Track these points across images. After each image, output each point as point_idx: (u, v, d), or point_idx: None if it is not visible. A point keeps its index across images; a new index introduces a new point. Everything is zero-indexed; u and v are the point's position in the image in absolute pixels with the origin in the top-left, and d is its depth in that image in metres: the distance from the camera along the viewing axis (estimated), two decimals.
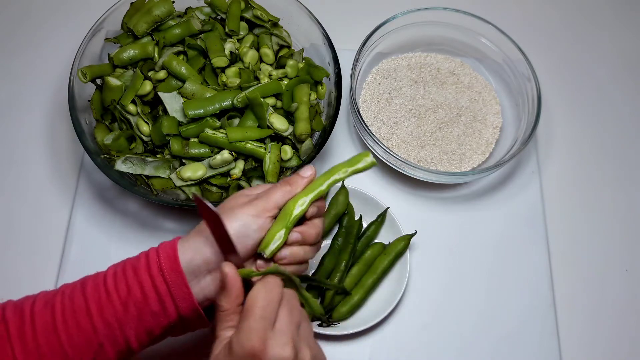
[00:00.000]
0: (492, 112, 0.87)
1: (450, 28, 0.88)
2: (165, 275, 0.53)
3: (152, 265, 0.53)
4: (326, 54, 0.78)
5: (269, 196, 0.56)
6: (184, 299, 0.53)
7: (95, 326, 0.52)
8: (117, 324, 0.52)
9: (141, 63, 0.74)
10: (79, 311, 0.52)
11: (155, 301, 0.53)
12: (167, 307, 0.53)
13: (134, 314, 0.52)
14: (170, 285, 0.53)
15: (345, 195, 0.78)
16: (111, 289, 0.53)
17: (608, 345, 0.76)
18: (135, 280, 0.53)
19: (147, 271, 0.53)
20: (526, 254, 0.80)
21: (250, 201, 0.56)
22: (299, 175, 0.57)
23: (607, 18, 0.99)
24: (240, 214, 0.54)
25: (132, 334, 0.53)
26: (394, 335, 0.74)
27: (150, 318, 0.53)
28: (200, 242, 0.54)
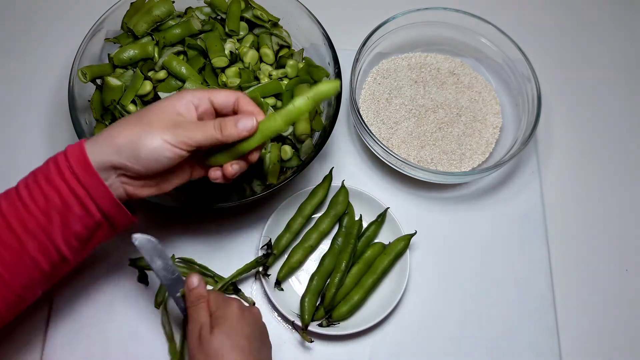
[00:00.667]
0: (492, 112, 0.87)
1: (450, 28, 0.88)
2: (81, 179, 0.52)
3: (65, 171, 0.53)
4: (326, 54, 0.78)
5: (194, 133, 0.53)
6: (104, 197, 0.53)
7: (21, 239, 0.52)
8: (43, 233, 0.52)
9: (141, 63, 0.74)
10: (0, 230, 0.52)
11: (77, 204, 0.53)
12: (89, 208, 0.53)
13: (57, 220, 0.53)
14: (87, 187, 0.53)
15: (345, 195, 0.78)
16: (27, 201, 0.52)
17: (608, 344, 0.76)
18: (51, 188, 0.53)
19: (60, 176, 0.53)
20: (526, 254, 0.80)
21: (174, 125, 0.53)
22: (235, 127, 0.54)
23: (607, 18, 0.99)
24: (158, 138, 0.52)
25: (60, 239, 0.53)
26: (394, 335, 0.74)
27: (74, 221, 0.53)
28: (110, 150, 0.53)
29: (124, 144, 0.52)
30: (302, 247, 0.75)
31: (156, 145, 0.52)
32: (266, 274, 0.73)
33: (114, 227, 0.57)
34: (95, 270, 0.75)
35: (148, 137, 0.52)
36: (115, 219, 0.56)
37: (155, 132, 0.52)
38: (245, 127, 0.54)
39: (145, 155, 0.52)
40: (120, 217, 0.56)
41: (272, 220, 0.76)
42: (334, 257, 0.75)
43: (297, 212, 0.77)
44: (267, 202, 0.79)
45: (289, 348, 0.72)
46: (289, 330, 0.73)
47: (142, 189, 0.56)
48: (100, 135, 0.54)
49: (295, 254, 0.74)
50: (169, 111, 0.54)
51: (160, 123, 0.53)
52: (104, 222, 0.55)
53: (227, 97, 0.57)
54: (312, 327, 0.71)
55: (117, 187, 0.55)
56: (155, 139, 0.52)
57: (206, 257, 0.76)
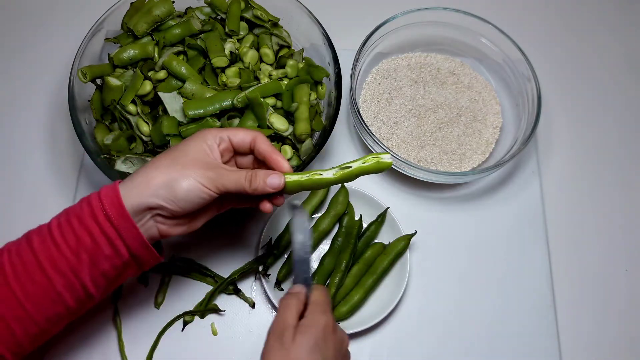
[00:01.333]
0: (492, 112, 0.87)
1: (450, 28, 0.88)
2: (113, 220, 0.54)
3: (97, 212, 0.54)
4: (326, 54, 0.78)
5: (227, 179, 0.56)
6: (134, 239, 0.55)
7: (50, 277, 0.53)
8: (71, 272, 0.54)
9: (141, 63, 0.74)
10: (30, 266, 0.53)
11: (107, 245, 0.54)
12: (118, 248, 0.55)
13: (87, 260, 0.54)
14: (119, 229, 0.54)
15: (345, 195, 0.78)
16: (59, 240, 0.54)
17: (608, 345, 0.76)
18: (83, 229, 0.54)
19: (93, 219, 0.54)
20: (526, 254, 0.80)
21: (207, 167, 0.56)
22: (264, 183, 0.57)
23: (607, 18, 0.99)
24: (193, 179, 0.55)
25: (88, 278, 0.54)
26: (393, 335, 0.74)
27: (103, 261, 0.55)
28: (147, 193, 0.55)
29: (160, 187, 0.55)
30: None
31: (192, 187, 0.55)
32: (266, 274, 0.73)
33: (141, 266, 0.59)
34: None
35: (184, 180, 0.55)
36: (143, 259, 0.57)
37: (190, 174, 0.55)
38: (272, 184, 0.57)
39: (182, 196, 0.55)
40: (148, 257, 0.58)
41: (272, 220, 0.76)
42: (334, 257, 0.75)
43: None
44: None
45: None
46: None
47: (175, 228, 0.58)
48: (135, 179, 0.56)
49: None
50: (199, 153, 0.57)
51: (194, 166, 0.56)
52: (131, 262, 0.57)
53: (244, 137, 0.59)
54: None
55: (150, 226, 0.56)
56: (191, 181, 0.55)
57: (206, 257, 0.76)
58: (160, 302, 0.74)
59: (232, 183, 0.56)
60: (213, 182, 0.55)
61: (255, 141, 0.59)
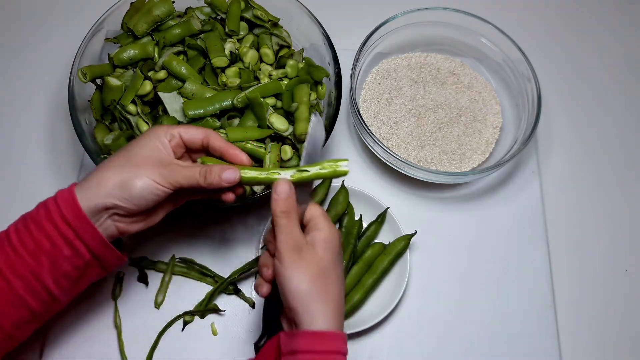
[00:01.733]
0: (492, 112, 0.87)
1: (450, 28, 0.88)
2: (70, 222, 0.54)
3: (54, 215, 0.55)
4: (326, 54, 0.78)
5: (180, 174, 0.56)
6: (93, 239, 0.55)
7: (9, 281, 0.54)
8: (31, 275, 0.54)
9: (141, 63, 0.74)
10: None
11: (66, 246, 0.55)
12: (78, 249, 0.55)
13: (46, 263, 0.54)
14: (77, 230, 0.55)
15: (345, 195, 0.78)
16: (17, 245, 0.54)
17: (608, 345, 0.76)
18: (41, 233, 0.55)
19: (51, 221, 0.55)
20: (526, 254, 0.80)
21: (160, 165, 0.56)
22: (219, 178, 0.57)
23: (607, 18, 0.99)
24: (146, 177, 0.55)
25: (50, 281, 0.55)
26: (393, 335, 0.74)
27: (63, 262, 0.55)
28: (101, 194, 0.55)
29: (115, 187, 0.55)
30: None
31: (146, 185, 0.55)
32: None
33: (104, 267, 0.59)
34: None
35: (137, 178, 0.55)
36: (105, 258, 0.58)
37: (143, 173, 0.56)
38: (228, 179, 0.57)
39: (137, 195, 0.55)
40: (110, 256, 0.58)
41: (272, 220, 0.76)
42: None
43: None
44: (267, 202, 0.79)
45: None
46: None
47: (133, 225, 0.59)
48: (90, 180, 0.56)
49: None
50: (152, 150, 0.57)
51: (147, 164, 0.56)
52: (93, 261, 0.57)
53: (195, 134, 0.60)
54: None
55: (108, 225, 0.57)
56: (144, 179, 0.55)
57: (206, 257, 0.76)
58: (160, 302, 0.74)
59: (186, 179, 0.56)
60: (166, 179, 0.56)
61: (209, 139, 0.60)
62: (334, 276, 0.55)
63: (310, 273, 0.54)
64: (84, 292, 0.73)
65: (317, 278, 0.54)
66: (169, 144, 0.58)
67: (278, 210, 0.56)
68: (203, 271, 0.75)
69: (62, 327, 0.71)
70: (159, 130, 0.59)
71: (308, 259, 0.54)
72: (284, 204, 0.56)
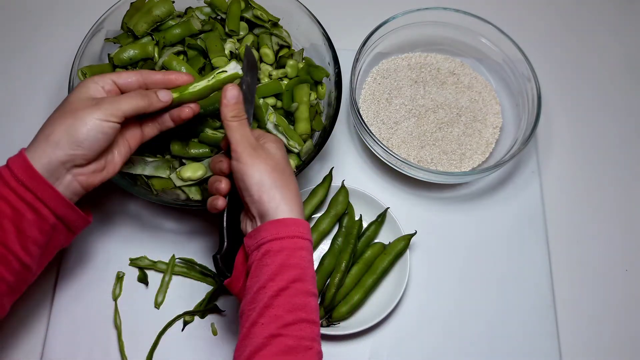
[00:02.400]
0: (492, 112, 0.87)
1: (450, 28, 0.88)
2: (27, 184, 0.54)
3: (10, 180, 0.55)
4: (326, 54, 0.78)
5: (121, 102, 0.57)
6: (54, 199, 0.55)
7: None
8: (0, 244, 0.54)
9: (141, 63, 0.74)
10: None
11: (27, 210, 0.55)
12: (40, 211, 0.55)
13: (12, 229, 0.54)
14: (35, 191, 0.54)
15: (345, 195, 0.77)
16: None
17: (608, 345, 0.76)
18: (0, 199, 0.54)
19: (7, 186, 0.55)
20: (526, 254, 0.80)
21: (97, 103, 0.57)
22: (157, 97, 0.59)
23: (607, 18, 0.99)
24: (88, 117, 0.56)
25: (18, 247, 0.55)
26: (394, 335, 0.74)
27: (29, 227, 0.55)
28: (51, 148, 0.55)
29: (60, 138, 0.55)
30: None
31: (90, 125, 0.55)
32: None
33: (71, 229, 0.59)
34: (97, 271, 0.75)
35: (79, 121, 0.55)
36: (70, 219, 0.58)
37: (84, 115, 0.56)
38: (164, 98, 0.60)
39: (84, 137, 0.55)
40: (75, 217, 0.58)
41: None
42: (334, 257, 0.75)
43: None
44: None
45: None
46: None
47: (94, 175, 0.59)
48: (36, 141, 0.57)
49: None
50: (85, 97, 0.58)
51: (86, 106, 0.57)
52: (59, 224, 0.57)
53: (128, 77, 0.61)
54: None
55: (69, 182, 0.57)
56: (87, 120, 0.55)
57: (206, 258, 0.76)
58: (160, 302, 0.74)
59: (128, 104, 0.57)
60: (109, 111, 0.56)
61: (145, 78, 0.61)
62: (289, 171, 0.60)
63: (269, 166, 0.58)
64: (84, 293, 0.73)
65: (275, 170, 0.58)
66: (102, 90, 0.59)
67: (229, 115, 0.59)
68: (203, 271, 0.75)
69: (62, 327, 0.71)
70: (89, 80, 0.59)
71: (263, 155, 0.58)
72: (234, 108, 0.59)
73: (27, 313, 0.72)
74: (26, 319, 0.72)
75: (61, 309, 0.72)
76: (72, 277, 0.74)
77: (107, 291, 0.74)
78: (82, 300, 0.73)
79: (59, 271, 0.75)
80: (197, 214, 0.79)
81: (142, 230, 0.78)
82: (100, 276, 0.75)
